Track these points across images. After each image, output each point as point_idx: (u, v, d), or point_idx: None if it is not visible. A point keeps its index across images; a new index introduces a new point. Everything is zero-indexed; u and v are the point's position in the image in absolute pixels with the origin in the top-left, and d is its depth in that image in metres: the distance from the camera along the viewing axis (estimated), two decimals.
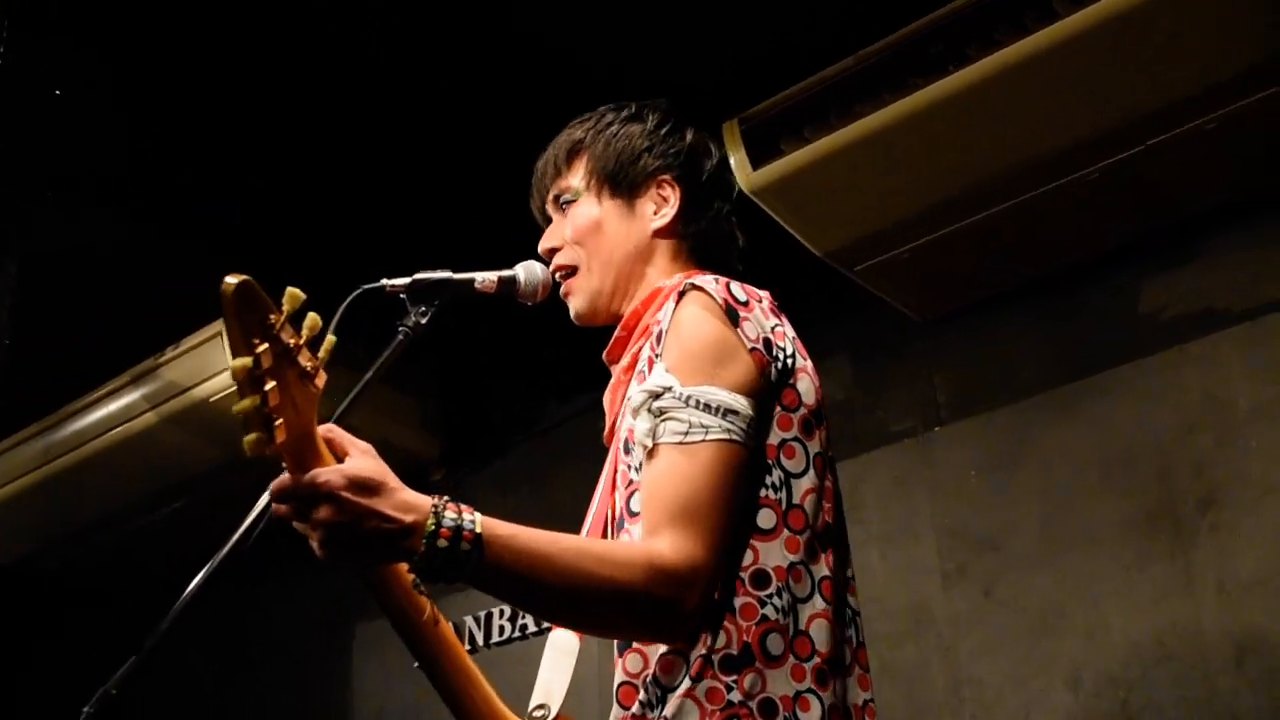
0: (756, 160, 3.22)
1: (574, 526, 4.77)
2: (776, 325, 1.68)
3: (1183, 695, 3.02)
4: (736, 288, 1.67)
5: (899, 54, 3.06)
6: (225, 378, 3.99)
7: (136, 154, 3.64)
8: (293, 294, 1.29)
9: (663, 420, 1.56)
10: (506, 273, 1.88)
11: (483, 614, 4.42)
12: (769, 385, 1.62)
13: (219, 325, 4.00)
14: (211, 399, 4.02)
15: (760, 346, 1.62)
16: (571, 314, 1.92)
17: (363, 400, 1.73)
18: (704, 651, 1.53)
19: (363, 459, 1.43)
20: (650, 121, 1.92)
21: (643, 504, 1.57)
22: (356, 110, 3.47)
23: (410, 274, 1.82)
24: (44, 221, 3.82)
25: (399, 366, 1.76)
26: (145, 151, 3.62)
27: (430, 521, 1.39)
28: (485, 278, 1.86)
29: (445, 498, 1.42)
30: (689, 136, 1.93)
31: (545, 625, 4.23)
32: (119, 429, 4.25)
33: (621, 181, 1.88)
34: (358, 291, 1.77)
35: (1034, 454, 3.43)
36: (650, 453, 1.58)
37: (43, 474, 4.46)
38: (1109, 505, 3.25)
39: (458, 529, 1.39)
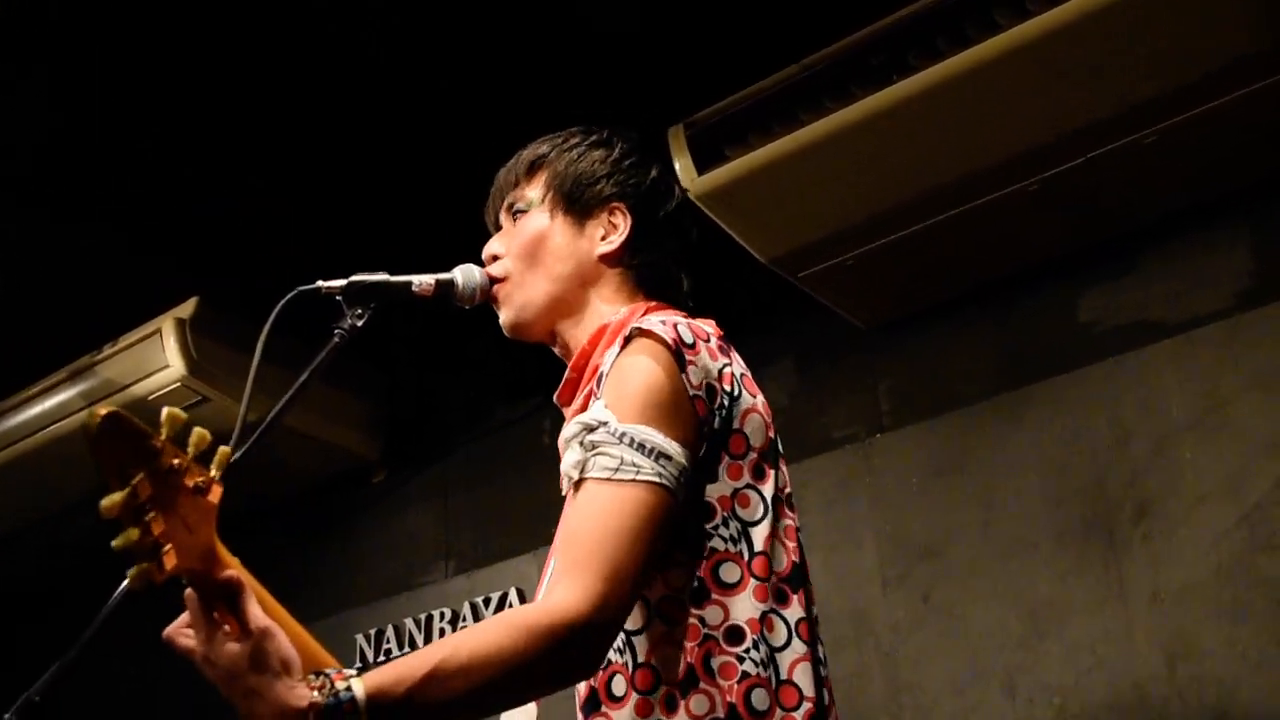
0: (701, 166, 3.23)
1: (515, 529, 4.77)
2: (726, 365, 1.65)
3: (1115, 703, 3.05)
4: (684, 329, 1.64)
5: (842, 63, 3.08)
6: (164, 375, 3.95)
7: (78, 148, 3.59)
8: (172, 414, 1.27)
9: (594, 454, 1.53)
10: (444, 276, 1.87)
11: (373, 631, 4.42)
12: (711, 434, 1.60)
13: (158, 323, 3.96)
14: (149, 398, 3.97)
15: (703, 394, 1.59)
16: (501, 323, 1.89)
17: (299, 402, 1.72)
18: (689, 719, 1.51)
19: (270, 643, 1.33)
20: (616, 150, 1.91)
21: (559, 538, 1.54)
22: (310, 103, 3.46)
23: (361, 272, 1.82)
24: None
25: (341, 367, 1.76)
26: (88, 146, 3.58)
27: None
28: (422, 280, 1.85)
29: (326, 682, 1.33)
30: (652, 173, 1.92)
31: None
32: (54, 427, 4.18)
33: (575, 201, 1.86)
34: (293, 293, 1.77)
35: (974, 462, 3.46)
36: (576, 485, 1.55)
37: None
38: (1046, 513, 3.29)
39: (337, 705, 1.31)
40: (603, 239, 1.86)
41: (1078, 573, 3.20)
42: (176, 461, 1.27)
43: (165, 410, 1.27)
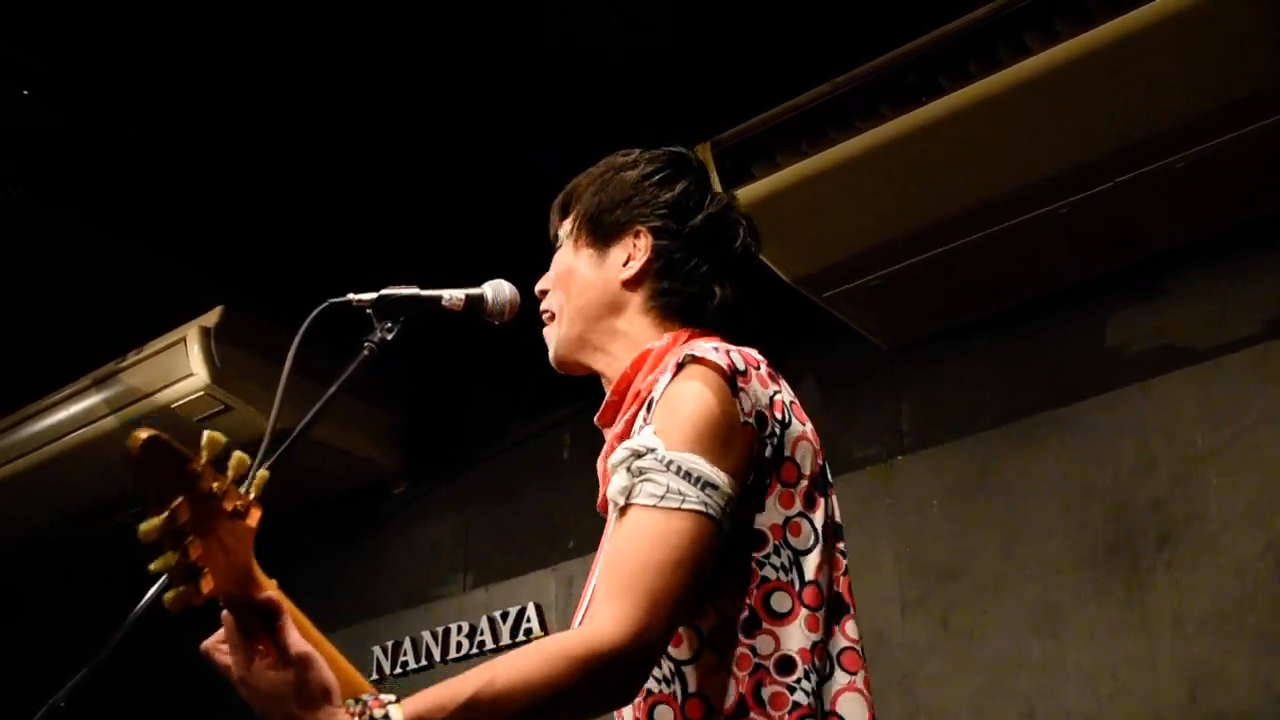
0: (728, 184, 3.22)
1: (534, 543, 4.75)
2: (776, 393, 1.63)
3: None
4: (736, 355, 1.62)
5: (873, 83, 3.07)
6: (188, 383, 3.97)
7: (108, 155, 3.62)
8: (212, 438, 1.26)
9: (641, 480, 1.51)
10: (474, 291, 1.86)
11: (390, 643, 4.42)
12: (762, 462, 1.58)
13: (183, 331, 3.98)
14: (173, 405, 3.99)
15: (753, 421, 1.57)
16: (550, 360, 1.88)
17: (326, 413, 1.72)
18: None
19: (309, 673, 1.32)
20: (639, 171, 1.85)
21: (602, 563, 1.52)
22: (341, 113, 3.48)
23: (389, 285, 1.81)
24: (5, 221, 3.79)
25: (364, 378, 1.75)
26: (118, 153, 3.60)
27: None
28: (452, 295, 1.84)
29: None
30: (678, 188, 1.84)
31: (453, 656, 4.24)
32: (79, 432, 4.21)
33: (597, 229, 1.83)
34: (323, 305, 1.75)
35: (996, 485, 3.44)
36: (622, 511, 1.53)
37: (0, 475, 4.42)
38: (1068, 538, 3.27)
39: None
40: (624, 264, 1.81)
41: (1099, 598, 3.18)
42: (216, 485, 1.26)
43: (206, 434, 1.26)
